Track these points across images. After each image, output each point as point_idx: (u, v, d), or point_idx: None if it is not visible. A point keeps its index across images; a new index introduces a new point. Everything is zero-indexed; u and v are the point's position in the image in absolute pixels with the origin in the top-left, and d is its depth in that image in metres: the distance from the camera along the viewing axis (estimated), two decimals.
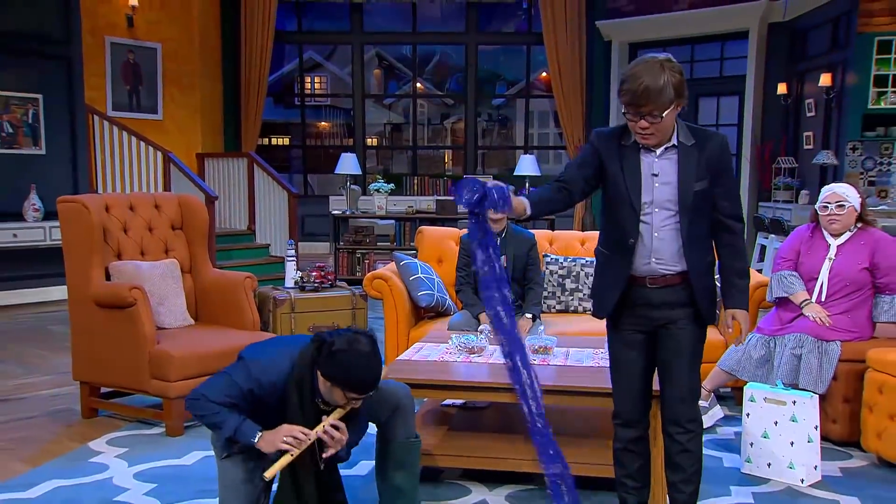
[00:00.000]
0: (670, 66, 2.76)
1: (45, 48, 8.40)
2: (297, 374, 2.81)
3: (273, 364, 2.85)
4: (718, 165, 2.86)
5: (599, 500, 3.48)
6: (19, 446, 4.32)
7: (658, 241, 2.89)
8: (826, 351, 4.28)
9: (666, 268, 2.90)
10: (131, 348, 4.43)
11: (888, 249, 4.40)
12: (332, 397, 2.81)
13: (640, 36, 11.46)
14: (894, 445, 3.93)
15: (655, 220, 2.88)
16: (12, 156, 8.23)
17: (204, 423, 2.86)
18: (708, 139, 2.88)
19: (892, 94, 8.58)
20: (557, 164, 14.74)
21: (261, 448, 2.79)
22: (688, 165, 2.85)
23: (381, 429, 3.17)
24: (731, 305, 2.97)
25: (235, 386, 2.82)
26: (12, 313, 7.98)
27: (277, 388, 2.83)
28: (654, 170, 2.87)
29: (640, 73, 2.73)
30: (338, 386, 2.77)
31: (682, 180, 2.85)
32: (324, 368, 2.77)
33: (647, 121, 2.76)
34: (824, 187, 4.63)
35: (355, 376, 2.76)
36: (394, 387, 3.18)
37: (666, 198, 2.87)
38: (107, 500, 3.57)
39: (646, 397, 3.10)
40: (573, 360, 3.90)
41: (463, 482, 3.72)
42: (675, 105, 2.77)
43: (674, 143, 2.87)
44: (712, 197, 2.87)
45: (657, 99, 2.72)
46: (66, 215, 4.69)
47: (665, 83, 2.72)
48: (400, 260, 5.34)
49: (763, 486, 3.77)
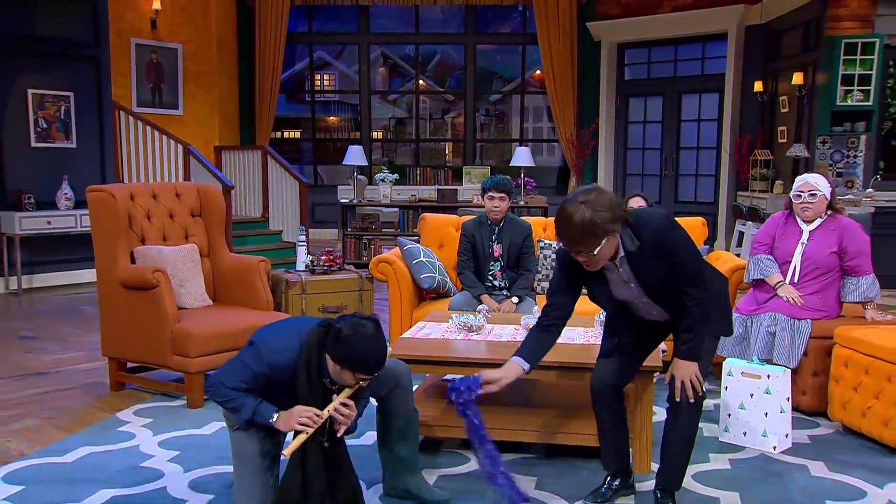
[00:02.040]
0: (595, 205, 2.69)
1: (76, 50, 8.41)
2: (306, 357, 2.80)
3: (283, 348, 2.83)
4: (665, 250, 2.83)
5: (591, 466, 3.48)
6: (56, 416, 4.35)
7: (648, 311, 3.04)
8: (798, 329, 4.29)
9: (664, 318, 3.06)
10: (155, 326, 4.43)
11: (855, 235, 4.41)
12: (342, 378, 2.79)
13: (628, 36, 11.42)
14: (857, 415, 3.95)
15: (640, 305, 3.03)
16: (46, 149, 8.23)
17: (224, 407, 2.85)
18: (647, 237, 2.83)
19: (858, 93, 8.56)
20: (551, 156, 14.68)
21: (278, 427, 2.78)
22: (641, 269, 2.89)
23: (381, 403, 3.16)
24: (675, 355, 2.99)
25: (249, 370, 2.80)
26: (48, 295, 8.00)
27: (288, 370, 2.81)
28: (622, 277, 2.94)
29: (568, 217, 2.70)
30: (347, 368, 2.75)
31: (644, 281, 2.92)
32: (332, 352, 2.76)
33: (582, 256, 2.78)
34: (798, 177, 4.62)
35: (363, 358, 2.75)
36: (394, 365, 3.17)
37: (635, 295, 2.97)
38: (134, 466, 3.59)
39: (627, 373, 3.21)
40: (565, 339, 3.87)
41: (461, 451, 3.73)
42: (609, 238, 2.74)
43: (621, 254, 2.87)
44: (672, 274, 2.88)
45: (585, 239, 2.72)
46: (95, 203, 4.68)
47: (590, 225, 2.68)
48: (403, 245, 5.33)
49: (739, 454, 3.78)
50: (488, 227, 5.12)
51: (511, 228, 5.11)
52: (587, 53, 11.64)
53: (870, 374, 3.88)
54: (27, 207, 7.88)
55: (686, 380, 2.94)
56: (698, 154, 11.42)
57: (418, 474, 3.24)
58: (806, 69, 9.29)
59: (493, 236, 5.11)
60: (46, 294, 8.03)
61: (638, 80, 11.97)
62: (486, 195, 5.08)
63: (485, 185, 5.11)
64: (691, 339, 2.93)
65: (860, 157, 8.91)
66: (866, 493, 3.36)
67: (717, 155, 11.03)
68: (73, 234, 8.10)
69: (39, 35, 8.12)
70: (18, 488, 3.35)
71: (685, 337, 2.94)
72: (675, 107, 11.44)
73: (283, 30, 11.64)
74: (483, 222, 5.15)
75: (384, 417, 3.17)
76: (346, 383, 2.80)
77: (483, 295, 4.97)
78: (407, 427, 3.17)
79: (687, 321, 2.92)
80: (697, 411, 3.05)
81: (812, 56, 9.19)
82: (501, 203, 5.04)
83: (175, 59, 10.58)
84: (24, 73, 8.04)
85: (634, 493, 3.29)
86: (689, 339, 2.93)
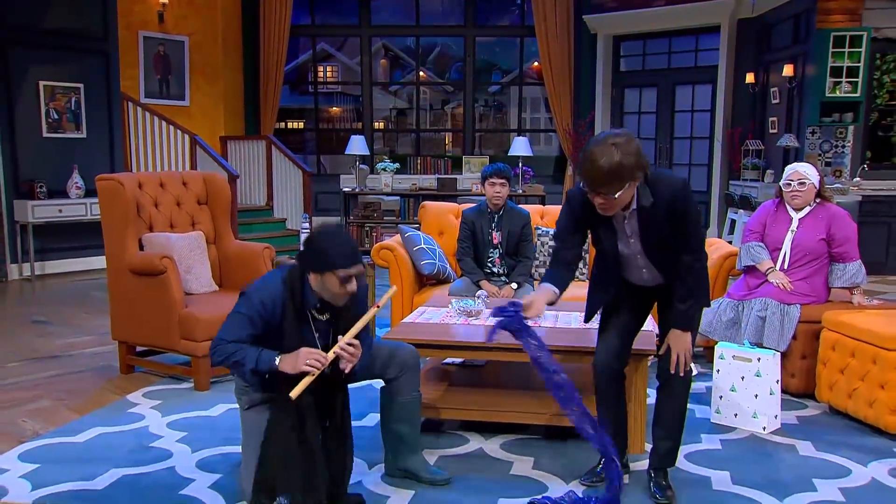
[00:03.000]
0: (625, 149, 2.67)
1: (86, 43, 8.41)
2: (290, 287, 2.78)
3: (269, 285, 2.82)
4: (675, 214, 2.82)
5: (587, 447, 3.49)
6: (69, 397, 4.36)
7: (643, 272, 3.02)
8: (787, 313, 4.30)
9: (656, 282, 3.05)
10: (162, 311, 4.44)
11: (842, 223, 4.41)
12: (328, 287, 2.75)
13: (623, 29, 11.37)
14: (844, 396, 3.96)
15: (633, 261, 3.01)
16: (57, 139, 8.23)
17: (228, 364, 2.79)
18: (665, 194, 2.81)
19: (846, 84, 8.53)
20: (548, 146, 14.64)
21: (283, 370, 2.70)
22: (649, 225, 2.87)
23: (388, 384, 3.16)
24: (671, 325, 2.99)
25: (243, 317, 2.78)
26: (59, 281, 8.00)
27: (277, 305, 2.78)
28: (626, 230, 2.92)
29: (596, 156, 2.67)
30: (327, 270, 2.72)
31: (646, 238, 2.90)
32: (309, 262, 2.76)
33: (601, 198, 2.74)
34: (787, 167, 4.62)
35: (335, 250, 2.72)
36: (403, 348, 3.18)
37: (636, 250, 2.95)
38: (143, 446, 3.60)
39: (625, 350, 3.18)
40: (562, 323, 3.91)
41: (462, 432, 3.74)
42: (630, 184, 2.72)
43: (634, 207, 2.84)
44: (677, 237, 2.86)
45: (610, 181, 2.68)
46: (104, 192, 4.67)
47: (617, 167, 2.65)
48: (404, 232, 5.33)
49: (730, 434, 3.80)
50: (488, 215, 5.12)
51: (510, 216, 5.11)
52: (584, 46, 11.58)
53: (856, 356, 3.89)
54: (39, 196, 7.88)
55: (682, 353, 2.96)
56: (692, 144, 11.39)
57: (419, 454, 3.25)
58: (796, 61, 9.26)
59: (492, 224, 5.10)
60: (58, 280, 8.03)
61: (633, 71, 11.92)
62: (486, 182, 5.07)
63: (485, 171, 5.09)
64: (688, 309, 2.94)
65: (848, 148, 8.90)
66: (851, 471, 3.38)
67: (709, 145, 10.99)
68: (84, 221, 8.11)
69: (51, 28, 8.12)
70: (34, 466, 3.37)
71: (681, 307, 2.94)
72: (669, 98, 11.40)
73: (287, 23, 11.57)
74: (483, 210, 5.15)
75: (389, 399, 3.17)
76: (334, 293, 2.76)
77: (482, 280, 4.98)
78: (410, 408, 3.17)
79: (682, 290, 2.92)
80: (688, 386, 3.08)
81: (802, 49, 9.15)
82: (503, 189, 5.03)
83: (182, 51, 10.53)
84: (36, 65, 8.04)
85: (629, 472, 3.30)
86: (686, 309, 2.94)
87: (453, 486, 3.17)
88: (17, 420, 4.00)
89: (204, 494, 3.09)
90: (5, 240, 7.96)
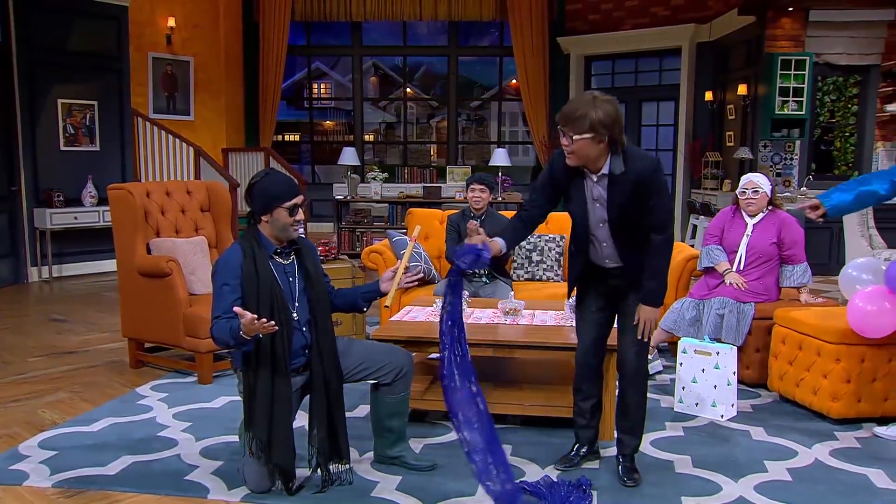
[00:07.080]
0: (603, 105, 2.65)
1: (101, 63, 8.37)
2: (248, 241, 2.85)
3: (228, 252, 2.88)
4: (645, 189, 2.75)
5: (562, 434, 3.50)
6: (84, 390, 4.34)
7: (603, 247, 2.96)
8: (743, 311, 4.33)
9: (612, 263, 2.98)
10: (169, 311, 4.41)
11: (791, 228, 4.45)
12: (280, 222, 2.82)
13: (594, 50, 11.41)
14: (792, 385, 4.00)
15: (599, 233, 2.93)
16: (74, 152, 8.17)
17: (230, 337, 2.71)
18: (637, 167, 2.75)
19: (793, 103, 8.64)
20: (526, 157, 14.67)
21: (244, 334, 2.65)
22: (615, 192, 2.80)
23: (383, 385, 3.11)
24: (640, 300, 2.93)
25: (224, 288, 2.80)
26: (75, 282, 7.94)
27: (242, 264, 2.81)
28: (594, 194, 2.86)
29: (574, 100, 2.70)
30: (274, 206, 2.79)
31: (612, 205, 2.83)
32: (258, 207, 2.82)
33: (566, 139, 2.72)
34: (743, 176, 4.66)
35: (276, 186, 2.81)
36: (399, 352, 3.16)
37: (601, 217, 2.88)
38: (152, 435, 3.58)
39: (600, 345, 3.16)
40: (538, 321, 3.91)
41: (445, 422, 3.71)
42: (593, 137, 2.67)
43: (604, 172, 2.79)
44: (641, 212, 2.80)
45: (574, 123, 2.67)
46: (115, 200, 4.64)
47: (586, 114, 2.64)
48: (392, 237, 5.32)
49: (691, 422, 3.81)
50: (471, 218, 5.12)
51: (492, 221, 5.10)
52: (558, 65, 11.62)
53: (803, 349, 3.92)
54: (57, 204, 7.84)
55: (648, 321, 2.92)
56: (657, 155, 11.45)
57: (406, 443, 3.24)
58: (749, 81, 9.33)
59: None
60: (74, 281, 7.97)
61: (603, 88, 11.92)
62: (468, 188, 5.14)
63: (468, 181, 5.20)
64: (655, 287, 2.88)
65: (796, 160, 8.99)
66: (797, 453, 3.42)
67: (673, 156, 11.05)
68: (97, 228, 8.07)
69: (69, 50, 8.10)
70: (52, 453, 3.36)
71: (649, 285, 2.88)
72: (636, 113, 11.45)
73: (284, 43, 11.55)
74: (467, 214, 5.17)
75: (381, 397, 3.14)
76: (286, 226, 2.83)
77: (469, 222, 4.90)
78: (399, 405, 3.16)
79: (650, 270, 2.85)
80: (646, 375, 3.09)
81: (754, 70, 9.23)
82: (482, 194, 5.08)
83: (187, 70, 10.48)
84: (56, 84, 8.00)
85: (599, 458, 3.31)
86: (655, 287, 2.88)
87: (437, 471, 3.16)
88: (37, 410, 3.98)
89: (207, 480, 3.08)
90: (26, 245, 7.92)
